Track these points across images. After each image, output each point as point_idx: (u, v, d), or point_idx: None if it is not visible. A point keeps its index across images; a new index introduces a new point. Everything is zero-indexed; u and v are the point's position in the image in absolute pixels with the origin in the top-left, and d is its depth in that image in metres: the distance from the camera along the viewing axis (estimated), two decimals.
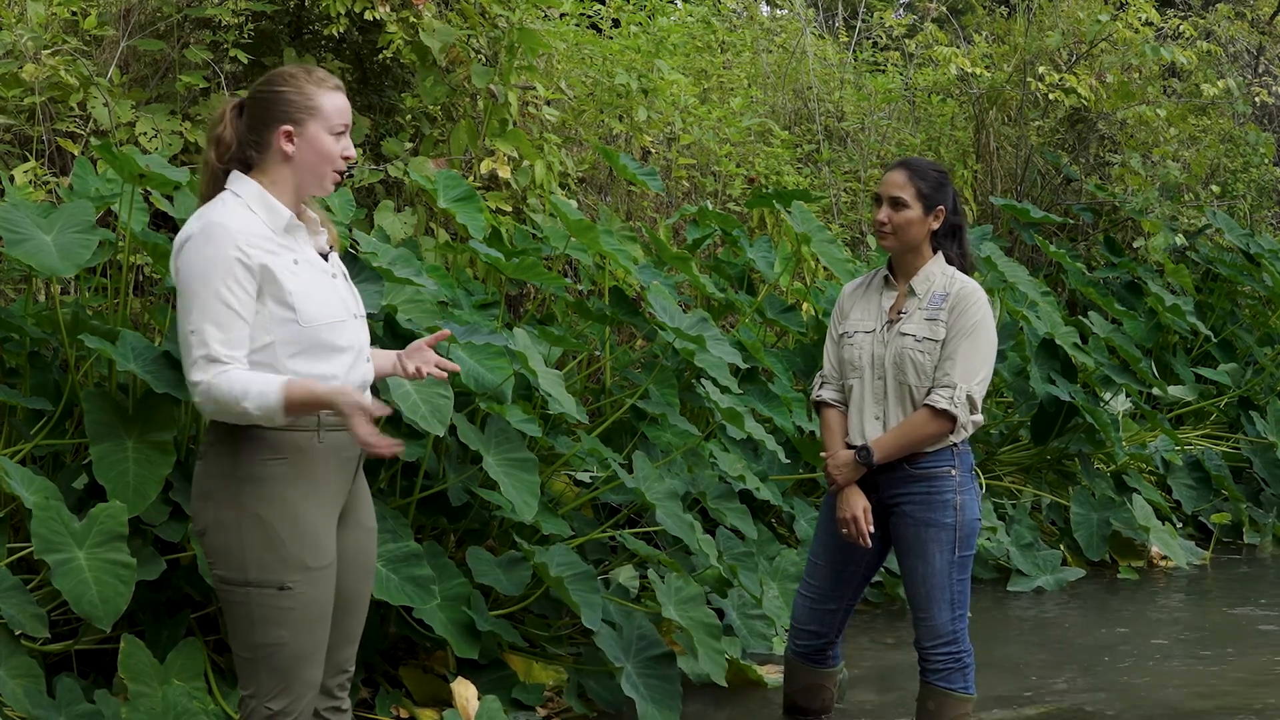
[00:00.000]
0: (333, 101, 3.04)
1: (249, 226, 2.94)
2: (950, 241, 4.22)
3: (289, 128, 3.00)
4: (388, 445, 2.90)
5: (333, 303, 3.03)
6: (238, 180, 3.02)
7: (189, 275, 2.90)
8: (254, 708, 3.00)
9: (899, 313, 4.19)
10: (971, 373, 4.08)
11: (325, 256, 3.11)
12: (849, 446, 4.22)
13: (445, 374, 3.22)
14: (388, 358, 3.25)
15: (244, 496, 2.95)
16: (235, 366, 2.88)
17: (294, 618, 2.97)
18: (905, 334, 4.14)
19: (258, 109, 3.03)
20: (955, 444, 4.14)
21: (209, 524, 2.99)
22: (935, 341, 4.10)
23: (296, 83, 3.02)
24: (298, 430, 2.96)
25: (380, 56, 5.63)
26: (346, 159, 3.08)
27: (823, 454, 4.31)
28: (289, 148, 3.01)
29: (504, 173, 5.87)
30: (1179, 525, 7.66)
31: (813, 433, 6.07)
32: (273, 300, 2.93)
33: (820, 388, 4.36)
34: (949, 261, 4.21)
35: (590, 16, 7.96)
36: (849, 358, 4.25)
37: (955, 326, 4.09)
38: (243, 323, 2.89)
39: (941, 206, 4.17)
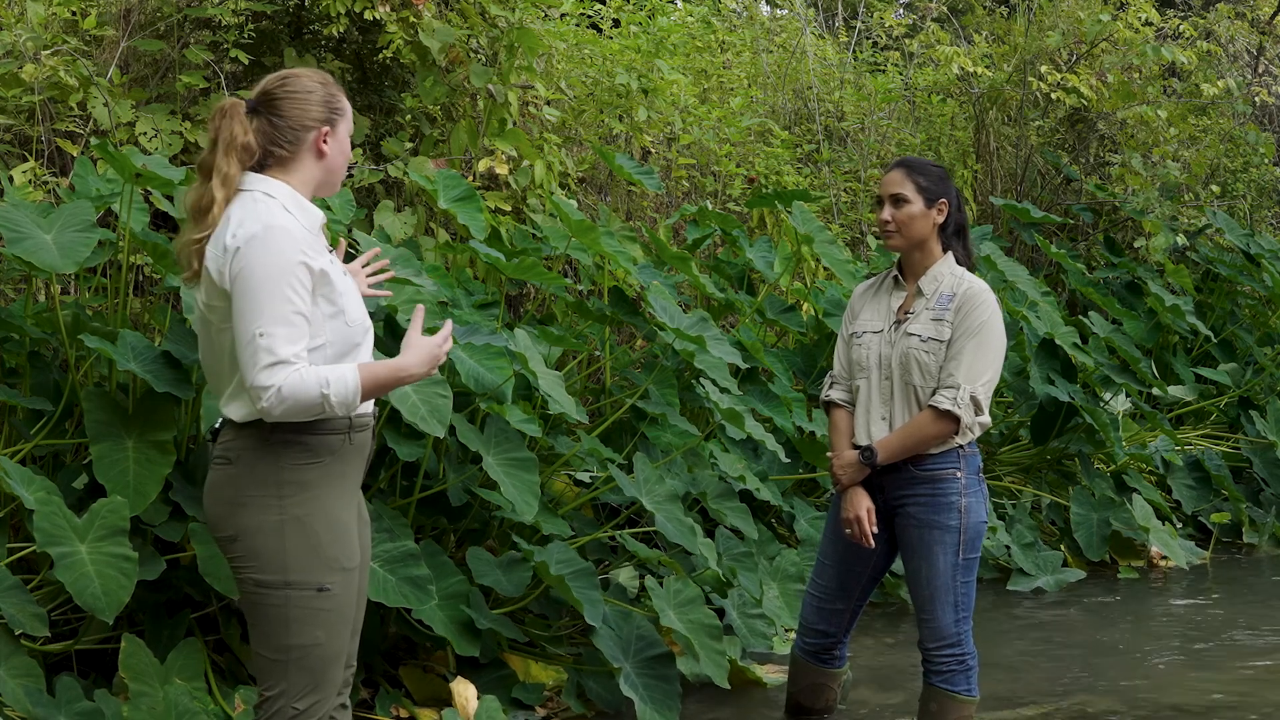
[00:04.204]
0: (349, 104, 3.13)
1: (298, 228, 2.96)
2: (958, 241, 4.21)
3: (326, 128, 3.04)
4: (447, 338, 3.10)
5: (361, 300, 3.10)
6: (264, 182, 3.01)
7: (255, 278, 2.87)
8: (281, 707, 2.99)
9: (906, 313, 4.18)
10: (976, 374, 4.06)
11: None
12: (855, 447, 4.21)
13: (390, 274, 3.45)
14: None
15: (285, 500, 2.95)
16: (302, 365, 2.88)
17: (329, 618, 3.00)
18: (911, 334, 4.13)
19: (291, 110, 3.02)
20: (961, 446, 4.12)
21: (243, 529, 2.98)
22: (940, 342, 4.09)
23: (323, 83, 3.07)
24: (331, 433, 2.99)
25: (380, 56, 5.63)
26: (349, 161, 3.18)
27: (829, 454, 4.30)
28: (324, 147, 3.05)
29: (503, 172, 5.87)
30: (1179, 525, 7.66)
31: (812, 433, 6.07)
32: (325, 301, 2.95)
33: (830, 388, 4.34)
34: (958, 261, 4.20)
35: (590, 16, 7.96)
36: (857, 358, 4.23)
37: (961, 327, 4.08)
38: (307, 325, 2.91)
39: (944, 200, 4.15)
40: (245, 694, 4.00)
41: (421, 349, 3.02)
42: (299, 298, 2.89)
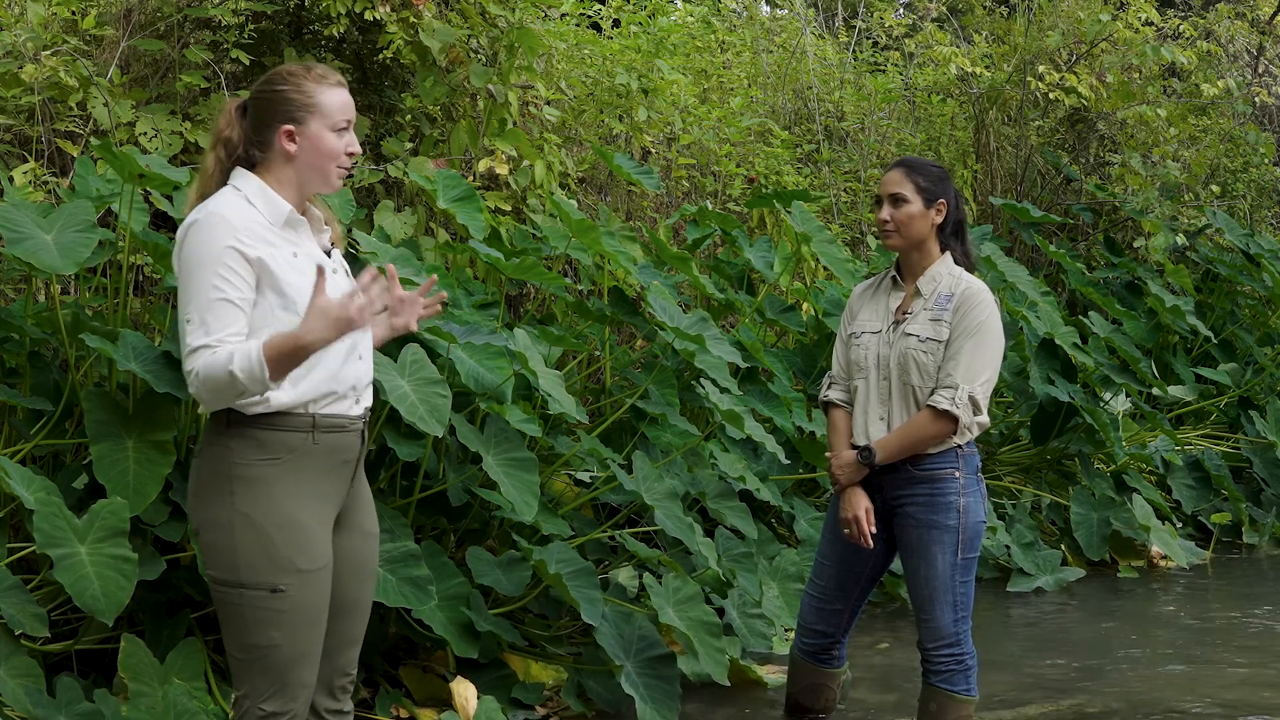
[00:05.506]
0: (334, 98, 3.04)
1: (247, 218, 2.93)
2: (956, 241, 4.21)
3: (290, 127, 3.00)
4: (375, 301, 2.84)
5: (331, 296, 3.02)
6: (240, 176, 3.02)
7: (187, 264, 2.89)
8: (248, 708, 2.98)
9: (904, 313, 4.18)
10: (975, 374, 4.06)
11: (328, 254, 3.11)
12: (853, 447, 4.21)
13: (439, 306, 3.21)
14: (377, 329, 3.22)
15: (235, 496, 2.93)
16: (222, 347, 2.84)
17: (286, 620, 2.95)
18: (909, 334, 4.13)
19: (259, 109, 3.03)
20: (960, 445, 4.12)
21: (202, 523, 2.98)
22: (939, 342, 4.09)
23: (296, 81, 3.02)
24: (292, 430, 2.95)
25: (380, 56, 5.63)
26: (351, 154, 3.07)
27: (827, 454, 4.31)
28: (291, 147, 3.01)
29: (503, 172, 5.87)
30: (1179, 525, 7.66)
31: (812, 433, 6.07)
32: (271, 292, 2.92)
33: (828, 388, 4.34)
34: (957, 262, 4.20)
35: (590, 16, 7.96)
36: (856, 358, 4.24)
37: (959, 327, 4.08)
38: (238, 311, 2.87)
39: (943, 200, 4.16)
40: None
41: (324, 313, 2.80)
42: (228, 284, 2.87)
